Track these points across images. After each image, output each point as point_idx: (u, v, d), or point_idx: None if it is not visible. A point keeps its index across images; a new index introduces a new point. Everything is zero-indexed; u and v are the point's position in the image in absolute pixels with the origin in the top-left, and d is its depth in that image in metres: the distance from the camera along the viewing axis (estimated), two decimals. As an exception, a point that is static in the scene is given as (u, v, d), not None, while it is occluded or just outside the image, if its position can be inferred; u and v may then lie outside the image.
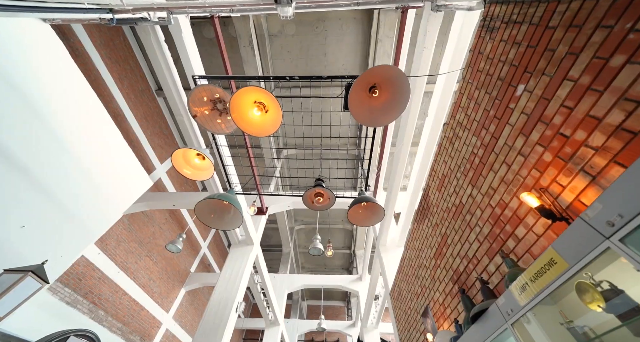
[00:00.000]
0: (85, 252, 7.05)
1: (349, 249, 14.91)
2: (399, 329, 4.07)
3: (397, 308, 4.19)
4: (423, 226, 3.14)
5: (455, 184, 2.37)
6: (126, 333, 8.24)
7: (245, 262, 5.94)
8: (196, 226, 12.78)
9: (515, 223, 1.61)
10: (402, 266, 3.98)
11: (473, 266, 2.07)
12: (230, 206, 2.66)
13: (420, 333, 3.17)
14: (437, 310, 2.70)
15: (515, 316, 1.22)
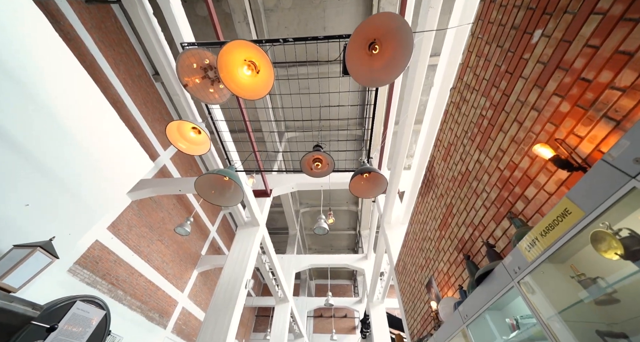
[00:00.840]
0: (99, 237, 7.30)
1: (354, 230, 15.15)
2: (404, 301, 4.17)
3: (402, 282, 4.26)
4: (427, 199, 3.08)
5: (462, 151, 2.26)
6: (145, 311, 8.74)
7: (252, 242, 6.07)
8: (204, 211, 13.05)
9: (525, 184, 1.53)
10: (407, 241, 3.98)
11: (479, 233, 2.02)
12: (231, 181, 2.63)
13: (425, 303, 3.22)
14: (442, 280, 2.71)
15: (522, 273, 1.18)
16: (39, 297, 5.58)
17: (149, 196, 8.67)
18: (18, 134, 2.22)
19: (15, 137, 2.19)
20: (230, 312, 4.72)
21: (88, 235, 6.94)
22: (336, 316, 17.26)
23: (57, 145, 2.61)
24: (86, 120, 2.88)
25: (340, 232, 15.42)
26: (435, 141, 2.83)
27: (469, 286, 1.82)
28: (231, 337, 4.53)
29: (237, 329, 13.35)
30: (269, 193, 7.48)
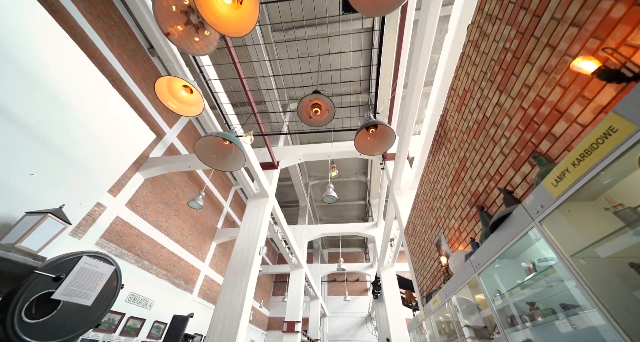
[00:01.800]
0: (119, 213, 7.67)
1: (363, 200, 15.30)
2: (414, 261, 4.24)
3: (412, 243, 4.29)
4: (439, 156, 2.91)
5: (479, 97, 2.03)
6: (171, 278, 9.51)
7: (262, 212, 6.21)
8: (216, 187, 13.40)
9: (553, 120, 1.34)
10: (417, 203, 3.91)
11: (495, 183, 1.88)
12: (232, 145, 2.54)
13: (434, 260, 3.24)
14: (452, 236, 2.66)
15: (545, 211, 1.06)
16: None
17: (160, 173, 8.87)
18: (16, 107, 2.21)
19: (13, 111, 2.17)
20: (246, 276, 5.00)
21: (109, 212, 7.30)
22: (349, 280, 18.33)
23: (56, 118, 2.58)
24: (83, 94, 2.83)
25: (350, 203, 15.63)
26: (449, 91, 2.57)
27: (481, 236, 1.74)
28: (249, 298, 4.85)
29: (254, 292, 14.35)
30: (276, 165, 7.45)
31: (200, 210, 11.78)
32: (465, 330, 2.51)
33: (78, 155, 2.65)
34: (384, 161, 6.77)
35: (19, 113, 2.27)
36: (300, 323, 8.61)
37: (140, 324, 7.69)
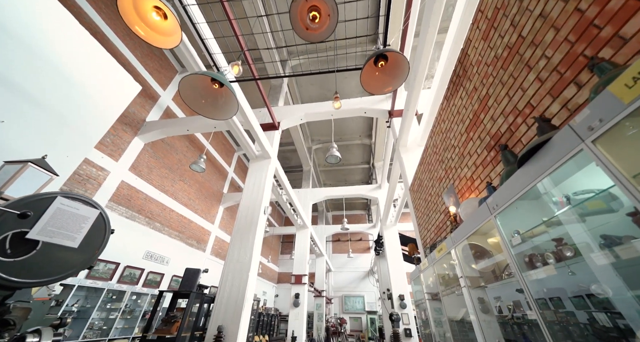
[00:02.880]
0: (124, 178, 7.71)
1: (367, 164, 15.18)
2: (418, 217, 4.21)
3: (417, 199, 4.21)
4: (455, 100, 2.60)
5: (515, 12, 1.65)
6: (184, 239, 10.05)
7: (264, 173, 6.14)
8: (218, 153, 13.29)
9: (624, 18, 1.03)
10: (424, 157, 3.71)
11: (523, 118, 1.63)
12: (222, 89, 2.25)
13: (440, 213, 3.16)
14: (463, 186, 2.50)
15: (605, 125, 0.84)
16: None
17: (159, 137, 8.68)
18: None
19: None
20: (252, 234, 5.12)
21: (113, 176, 7.33)
22: (352, 239, 19.32)
23: (28, 65, 2.29)
24: (59, 42, 2.52)
25: (353, 167, 15.55)
26: (475, 15, 2.14)
27: (502, 176, 1.56)
28: (256, 253, 5.04)
29: (264, 250, 15.28)
30: (277, 126, 7.14)
31: (205, 175, 11.87)
32: (461, 280, 2.53)
33: (57, 105, 2.42)
34: (390, 118, 6.39)
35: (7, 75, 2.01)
36: (306, 276, 9.26)
37: (160, 278, 8.35)
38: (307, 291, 9.19)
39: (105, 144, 7.17)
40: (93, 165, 6.76)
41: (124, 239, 7.39)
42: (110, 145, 7.32)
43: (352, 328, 16.10)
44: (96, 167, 6.85)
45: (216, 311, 4.24)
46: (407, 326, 7.23)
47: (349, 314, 16.68)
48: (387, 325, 9.42)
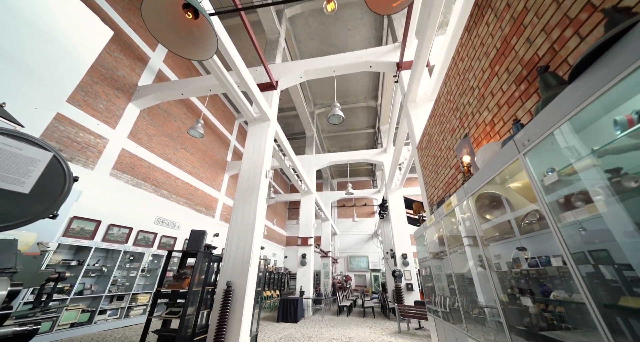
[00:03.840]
0: (124, 145, 7.58)
1: (373, 128, 14.62)
2: (425, 175, 4.00)
3: (425, 156, 3.95)
4: (479, 29, 2.15)
5: None
6: (192, 205, 10.31)
7: (264, 136, 5.87)
8: (219, 121, 12.88)
9: None
10: (436, 108, 3.34)
11: (574, 30, 1.26)
12: (197, 21, 1.87)
13: (450, 168, 2.92)
14: (480, 133, 2.21)
15: None
16: (96, 198, 6.42)
17: (154, 103, 8.29)
18: None
19: None
20: (255, 197, 5.07)
21: (113, 144, 7.20)
22: (357, 205, 19.71)
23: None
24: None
25: (358, 132, 15.04)
26: None
27: (538, 107, 1.26)
28: (260, 216, 5.04)
29: (271, 216, 15.73)
30: (274, 85, 6.62)
31: (207, 143, 11.68)
32: (465, 239, 2.40)
33: (21, 54, 2.11)
34: (398, 72, 5.79)
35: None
36: (312, 238, 9.60)
37: (173, 241, 8.77)
38: (313, 251, 9.60)
39: (99, 110, 6.88)
40: (90, 132, 6.59)
41: (132, 205, 7.56)
42: (104, 112, 7.04)
43: (356, 284, 17.36)
44: (93, 134, 6.68)
45: (224, 269, 4.40)
46: (409, 281, 7.60)
47: (354, 272, 17.83)
48: (390, 281, 10.00)
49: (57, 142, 5.83)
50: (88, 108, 6.59)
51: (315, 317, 7.83)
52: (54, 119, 5.79)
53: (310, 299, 8.27)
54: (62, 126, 5.98)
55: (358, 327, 6.19)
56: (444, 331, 2.64)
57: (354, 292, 14.19)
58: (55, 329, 5.01)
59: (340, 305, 8.40)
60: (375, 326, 6.31)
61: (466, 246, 2.09)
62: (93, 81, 6.78)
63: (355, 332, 5.70)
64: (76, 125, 6.29)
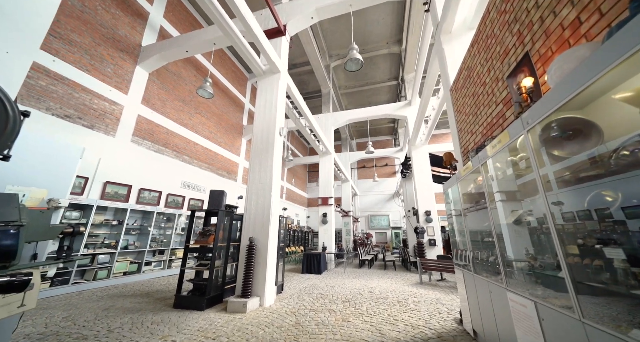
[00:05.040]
0: (139, 111, 7.54)
1: (395, 80, 13.20)
2: (459, 120, 3.43)
3: (460, 97, 3.32)
4: None
5: None
6: (214, 170, 10.59)
7: (275, 90, 5.40)
8: (231, 83, 12.31)
9: None
10: (482, 30, 2.62)
11: None
12: None
13: (497, 104, 2.37)
14: (551, 44, 1.62)
15: None
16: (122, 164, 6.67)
17: (161, 64, 7.91)
18: None
19: None
20: (270, 156, 4.88)
21: (128, 110, 7.18)
22: (377, 165, 19.24)
23: None
24: None
25: (379, 85, 13.71)
26: None
27: None
28: (276, 175, 4.91)
29: (289, 178, 15.90)
30: (283, 30, 5.83)
31: (221, 107, 11.40)
32: (497, 195, 1.99)
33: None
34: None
35: None
36: (332, 198, 9.63)
37: (200, 204, 9.29)
38: (333, 211, 9.72)
39: (108, 75, 6.71)
40: (104, 99, 6.55)
41: (158, 170, 7.86)
42: (113, 77, 6.86)
43: (377, 241, 18.01)
44: (108, 101, 6.65)
45: (246, 226, 4.49)
46: (432, 237, 7.52)
47: (375, 230, 18.36)
48: (411, 238, 10.07)
49: (74, 109, 5.88)
50: (97, 73, 6.43)
51: (338, 269, 8.26)
52: (67, 85, 5.74)
53: (333, 253, 8.64)
54: (76, 93, 5.94)
55: (379, 278, 6.41)
56: (474, 284, 2.46)
57: (374, 248, 14.77)
58: (112, 276, 5.73)
59: (361, 259, 8.73)
60: (396, 278, 6.49)
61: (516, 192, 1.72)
62: (95, 43, 6.47)
63: (377, 282, 5.90)
64: (89, 92, 6.24)
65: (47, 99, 5.40)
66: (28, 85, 5.13)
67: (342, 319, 3.29)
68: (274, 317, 3.37)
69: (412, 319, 3.27)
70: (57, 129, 5.42)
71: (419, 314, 3.50)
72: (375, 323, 3.13)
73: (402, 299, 4.35)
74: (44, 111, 5.33)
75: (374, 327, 3.00)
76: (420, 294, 4.68)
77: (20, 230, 1.49)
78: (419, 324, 3.08)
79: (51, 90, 5.49)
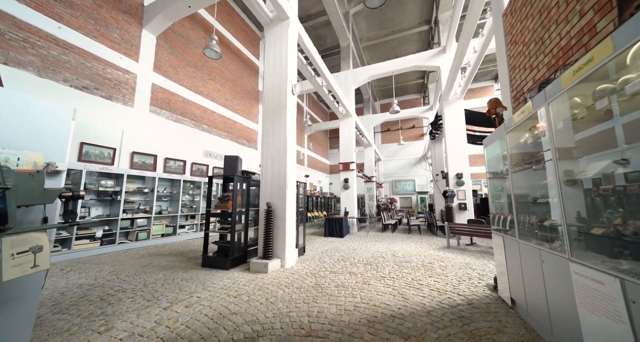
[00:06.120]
0: (153, 80, 7.38)
1: (427, 23, 11.29)
2: (511, 55, 2.68)
3: (520, 20, 2.53)
4: None
5: None
6: (234, 138, 10.58)
7: (285, 40, 4.76)
8: (242, 44, 11.50)
9: None
10: None
11: None
12: None
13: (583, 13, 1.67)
14: None
15: None
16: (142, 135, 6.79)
17: (166, 25, 7.41)
18: None
19: None
20: (283, 117, 4.52)
21: (142, 79, 7.04)
22: (403, 127, 17.96)
23: None
24: None
25: (407, 33, 11.90)
26: None
27: None
28: (290, 137, 4.59)
29: (310, 144, 15.48)
30: (289, -36, 4.90)
31: (234, 72, 10.86)
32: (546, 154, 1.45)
33: None
34: None
35: None
36: (354, 163, 9.25)
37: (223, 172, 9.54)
38: (355, 176, 9.42)
39: (116, 40, 6.46)
40: (116, 67, 6.42)
41: (179, 140, 7.98)
42: (122, 43, 6.61)
43: (401, 206, 17.76)
44: (120, 70, 6.52)
45: (263, 191, 4.40)
46: (463, 201, 7.00)
47: (399, 195, 17.99)
48: (438, 202, 9.60)
49: (90, 80, 5.86)
50: (104, 39, 6.20)
51: (360, 233, 8.29)
52: (78, 54, 5.64)
53: (355, 218, 8.60)
54: (88, 62, 5.85)
55: (403, 242, 6.27)
56: (518, 251, 2.09)
57: (398, 213, 14.60)
58: (151, 238, 6.28)
59: (384, 223, 8.61)
60: (421, 242, 6.30)
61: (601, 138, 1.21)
62: (97, 4, 6.11)
63: (400, 246, 5.77)
64: (101, 61, 6.11)
65: (62, 70, 5.38)
66: (42, 56, 5.10)
67: (363, 282, 3.20)
68: (294, 277, 3.39)
69: (439, 284, 3.07)
70: (78, 103, 5.51)
71: (446, 279, 3.29)
72: (398, 287, 2.99)
73: (427, 263, 4.16)
74: (61, 83, 5.37)
75: (396, 291, 2.86)
76: (448, 259, 4.44)
77: (5, 193, 1.39)
78: (446, 289, 2.87)
79: (64, 60, 5.42)
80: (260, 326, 2.08)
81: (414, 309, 2.36)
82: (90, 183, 5.41)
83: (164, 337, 1.94)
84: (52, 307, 2.55)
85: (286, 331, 1.98)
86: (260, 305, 2.49)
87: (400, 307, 2.41)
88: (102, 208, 5.72)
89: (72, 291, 2.98)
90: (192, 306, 2.52)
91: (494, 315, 2.19)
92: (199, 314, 2.31)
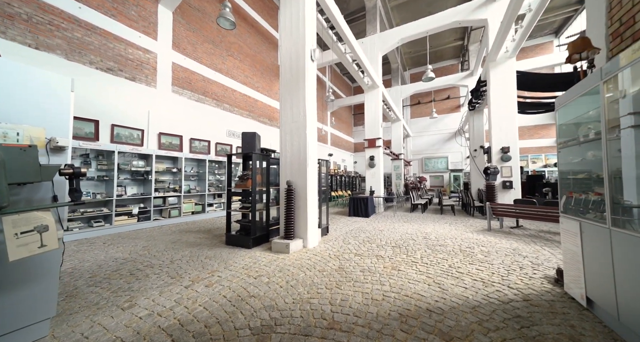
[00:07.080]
0: (172, 59, 7.27)
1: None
2: None
3: None
4: None
5: None
6: (255, 117, 10.40)
7: (302, 2, 4.16)
8: (260, 15, 10.82)
9: None
10: None
11: None
12: None
13: None
14: None
15: None
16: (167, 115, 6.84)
17: None
18: None
19: None
20: (302, 87, 4.10)
21: (162, 58, 6.95)
22: (436, 99, 16.28)
23: None
24: None
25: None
26: None
27: None
28: (310, 110, 4.19)
29: (336, 123, 14.78)
30: None
31: (253, 47, 10.37)
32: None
33: None
34: None
35: None
36: (381, 139, 8.60)
37: (248, 151, 9.54)
38: (382, 153, 8.82)
39: (133, 18, 6.33)
40: (136, 47, 6.37)
41: (202, 120, 7.99)
42: (139, 20, 6.47)
43: (432, 185, 16.75)
44: (140, 49, 6.46)
45: (283, 169, 4.18)
46: (508, 178, 6.15)
47: (429, 173, 16.91)
48: (475, 180, 8.70)
49: (114, 62, 5.88)
50: (122, 17, 6.09)
51: (387, 213, 7.90)
52: (100, 35, 5.63)
53: (381, 197, 8.18)
54: (110, 43, 5.84)
55: (435, 223, 5.79)
56: (608, 242, 1.59)
57: (428, 192, 13.77)
58: (182, 215, 6.58)
59: (414, 203, 8.09)
60: (456, 223, 5.75)
61: None
62: (110, -20, 5.92)
63: (432, 227, 5.32)
64: (122, 41, 6.07)
65: (87, 52, 5.43)
66: (67, 39, 5.14)
67: (392, 267, 2.90)
68: (316, 259, 3.21)
69: (483, 273, 2.66)
70: (105, 85, 5.62)
71: (491, 267, 2.85)
72: (433, 275, 2.64)
73: (465, 247, 3.71)
74: (88, 66, 5.44)
75: (431, 279, 2.52)
76: (490, 243, 3.93)
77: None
78: (493, 281, 2.46)
79: (87, 42, 5.44)
80: (279, 312, 1.91)
81: (454, 303, 2.02)
82: (124, 164, 5.65)
83: (181, 318, 1.86)
84: (88, 280, 2.67)
85: (306, 321, 1.78)
86: (280, 288, 2.34)
87: (437, 299, 2.08)
88: (137, 187, 6.01)
89: (108, 264, 3.12)
90: (212, 285, 2.45)
91: (563, 317, 1.76)
92: (217, 295, 2.22)
